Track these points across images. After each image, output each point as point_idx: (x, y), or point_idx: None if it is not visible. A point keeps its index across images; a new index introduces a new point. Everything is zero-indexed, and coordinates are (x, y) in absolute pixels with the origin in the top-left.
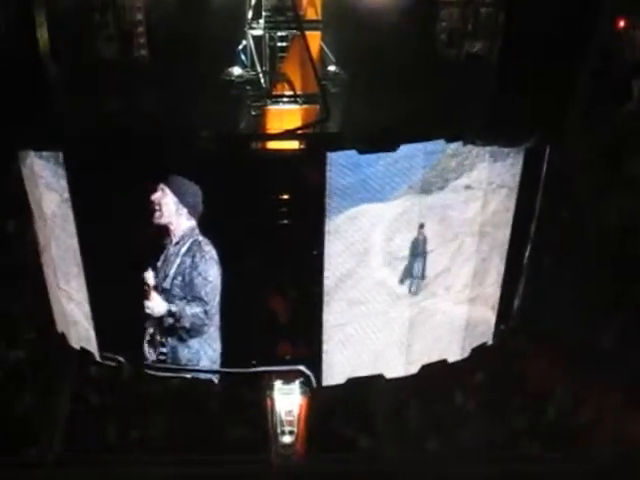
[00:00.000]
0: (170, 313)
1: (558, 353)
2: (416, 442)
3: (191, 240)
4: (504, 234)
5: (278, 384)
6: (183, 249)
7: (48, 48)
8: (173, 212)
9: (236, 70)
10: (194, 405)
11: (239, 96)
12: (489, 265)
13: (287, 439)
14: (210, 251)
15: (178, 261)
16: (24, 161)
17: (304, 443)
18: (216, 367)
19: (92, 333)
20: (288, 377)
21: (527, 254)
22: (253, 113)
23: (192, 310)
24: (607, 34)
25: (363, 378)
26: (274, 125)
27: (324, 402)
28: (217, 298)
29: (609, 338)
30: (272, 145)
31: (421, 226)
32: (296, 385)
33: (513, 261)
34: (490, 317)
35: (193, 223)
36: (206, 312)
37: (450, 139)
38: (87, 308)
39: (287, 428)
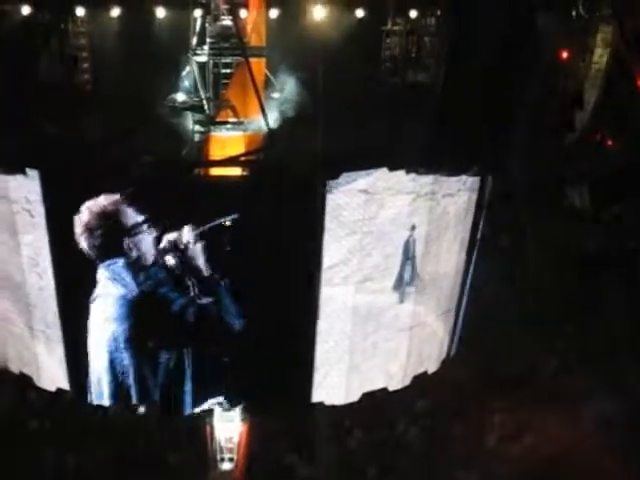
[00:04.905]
0: None
1: (498, 381)
2: (355, 470)
3: None
4: (405, 235)
5: (218, 411)
6: None
7: None
8: None
9: (180, 96)
10: (133, 431)
11: (182, 122)
12: (392, 262)
13: (226, 466)
14: None
15: None
16: None
17: (243, 470)
18: None
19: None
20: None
21: (469, 282)
22: (196, 139)
23: None
24: (550, 66)
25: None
26: (217, 152)
27: (264, 429)
28: None
29: (549, 366)
30: (215, 171)
31: (413, 227)
32: (236, 412)
33: (455, 288)
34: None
35: None
36: None
37: (392, 168)
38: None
39: (227, 455)
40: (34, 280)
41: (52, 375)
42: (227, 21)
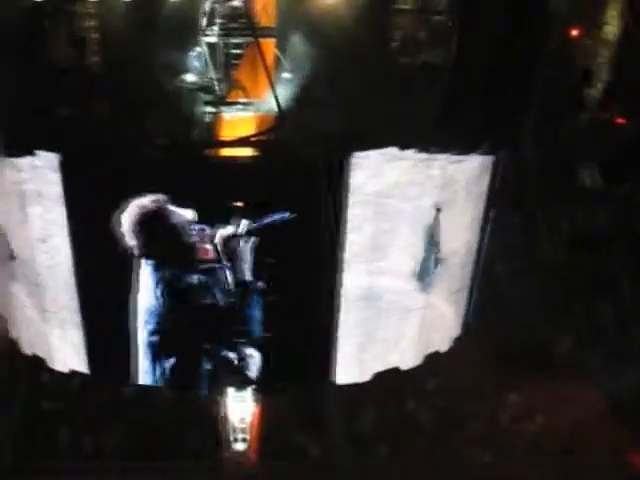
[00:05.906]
0: None
1: (511, 360)
2: (368, 450)
3: None
4: (415, 206)
5: (231, 391)
6: None
7: None
8: None
9: (190, 77)
10: (147, 412)
11: (193, 103)
12: (393, 236)
13: (240, 446)
14: None
15: None
16: None
17: (257, 450)
18: None
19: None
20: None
21: (481, 261)
22: (207, 120)
23: None
24: (560, 43)
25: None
26: (228, 133)
27: (277, 410)
28: None
29: (563, 344)
30: (226, 152)
31: (438, 210)
32: (249, 392)
33: (467, 267)
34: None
35: None
36: None
37: (403, 147)
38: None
39: (240, 435)
40: (43, 258)
41: (65, 357)
42: (237, 2)
